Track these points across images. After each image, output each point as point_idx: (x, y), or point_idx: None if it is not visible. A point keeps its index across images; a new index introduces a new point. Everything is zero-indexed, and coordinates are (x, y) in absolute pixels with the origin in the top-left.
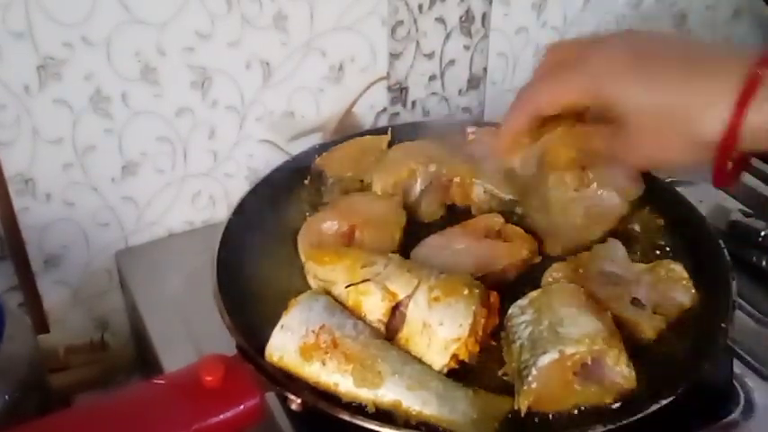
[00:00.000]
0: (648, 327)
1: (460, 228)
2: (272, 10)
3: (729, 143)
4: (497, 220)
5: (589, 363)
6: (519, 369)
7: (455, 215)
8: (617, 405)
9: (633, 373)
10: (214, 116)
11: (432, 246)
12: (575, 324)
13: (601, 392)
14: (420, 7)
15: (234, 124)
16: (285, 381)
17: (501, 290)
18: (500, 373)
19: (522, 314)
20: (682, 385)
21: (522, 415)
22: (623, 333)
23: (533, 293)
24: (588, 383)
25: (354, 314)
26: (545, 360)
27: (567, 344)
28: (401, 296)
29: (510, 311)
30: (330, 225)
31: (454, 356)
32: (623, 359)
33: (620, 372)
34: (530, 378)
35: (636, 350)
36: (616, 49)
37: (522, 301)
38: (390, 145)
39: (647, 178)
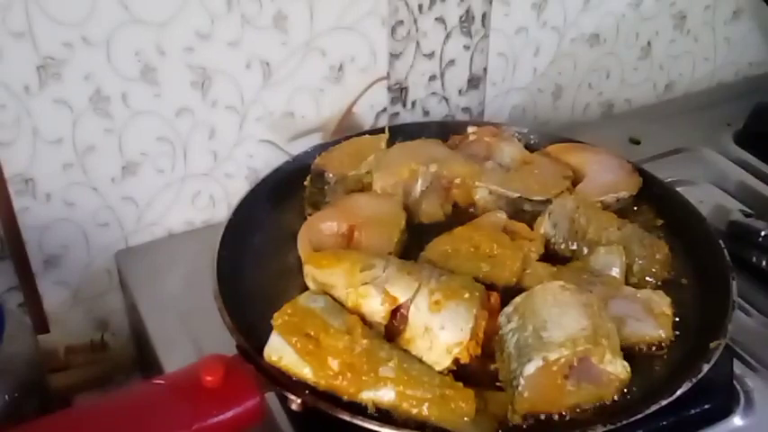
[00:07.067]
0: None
1: (466, 228)
2: (272, 10)
3: None
4: (501, 216)
5: (576, 365)
6: (509, 379)
7: (457, 215)
8: (617, 405)
9: (624, 366)
10: (214, 116)
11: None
12: (558, 326)
13: (599, 391)
14: (420, 7)
15: (234, 124)
16: (285, 381)
17: (501, 291)
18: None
19: (508, 322)
20: (681, 385)
21: (517, 423)
22: None
23: (517, 299)
24: (583, 384)
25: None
26: (530, 368)
27: (550, 349)
28: (401, 299)
29: (499, 320)
30: (329, 225)
31: (456, 360)
32: (609, 355)
33: (610, 368)
34: (519, 388)
35: (636, 350)
36: None
37: (508, 308)
38: (389, 145)
39: (646, 178)
